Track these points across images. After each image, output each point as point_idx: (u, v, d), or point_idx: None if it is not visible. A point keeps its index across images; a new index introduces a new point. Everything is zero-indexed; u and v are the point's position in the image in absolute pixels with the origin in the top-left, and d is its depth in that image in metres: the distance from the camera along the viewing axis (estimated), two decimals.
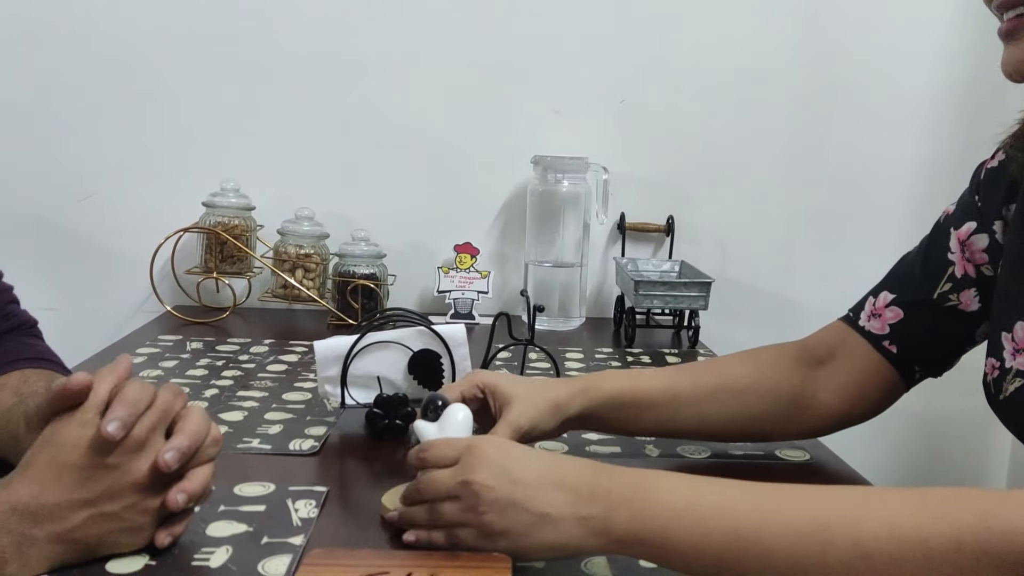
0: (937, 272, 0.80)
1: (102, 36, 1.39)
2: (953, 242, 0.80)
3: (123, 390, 0.58)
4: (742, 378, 0.84)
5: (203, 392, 0.98)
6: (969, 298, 0.79)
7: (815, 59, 1.48)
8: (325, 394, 0.89)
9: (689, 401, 0.82)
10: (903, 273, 0.84)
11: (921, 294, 0.81)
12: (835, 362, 0.84)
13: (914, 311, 0.81)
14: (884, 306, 0.83)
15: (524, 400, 0.75)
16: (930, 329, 0.81)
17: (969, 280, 0.79)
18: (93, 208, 1.43)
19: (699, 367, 0.89)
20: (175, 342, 1.20)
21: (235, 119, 1.43)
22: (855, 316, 0.85)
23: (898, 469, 1.61)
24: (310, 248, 1.35)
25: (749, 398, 0.83)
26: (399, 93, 1.44)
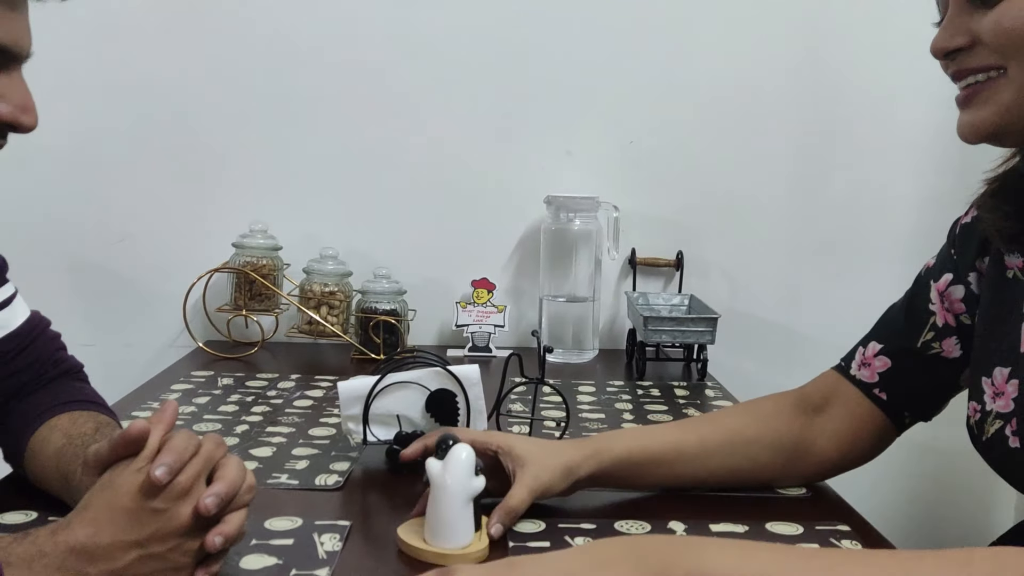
0: (920, 322, 0.85)
1: (137, 86, 1.47)
2: (933, 293, 0.85)
3: (172, 439, 0.64)
4: (745, 429, 0.88)
5: (234, 428, 1.04)
6: (951, 346, 0.84)
7: (817, 95, 1.54)
8: (348, 431, 0.94)
9: (696, 456, 0.87)
10: (889, 324, 0.89)
11: (906, 343, 0.86)
12: (830, 410, 0.89)
13: (901, 360, 0.86)
14: (873, 355, 0.88)
15: (537, 463, 0.79)
16: (916, 376, 0.86)
17: (950, 329, 0.84)
18: (129, 249, 1.51)
19: (704, 422, 0.93)
20: (207, 378, 1.27)
21: (263, 163, 1.51)
22: (847, 365, 0.90)
23: (904, 498, 1.64)
24: (334, 286, 1.42)
25: (752, 449, 0.88)
26: (419, 136, 1.51)
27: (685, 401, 1.23)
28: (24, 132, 0.68)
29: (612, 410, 1.18)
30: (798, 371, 1.59)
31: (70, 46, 1.45)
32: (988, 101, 0.69)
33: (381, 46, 1.48)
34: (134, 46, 1.47)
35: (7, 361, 0.83)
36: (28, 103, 0.67)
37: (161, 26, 1.46)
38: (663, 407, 1.20)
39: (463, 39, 1.49)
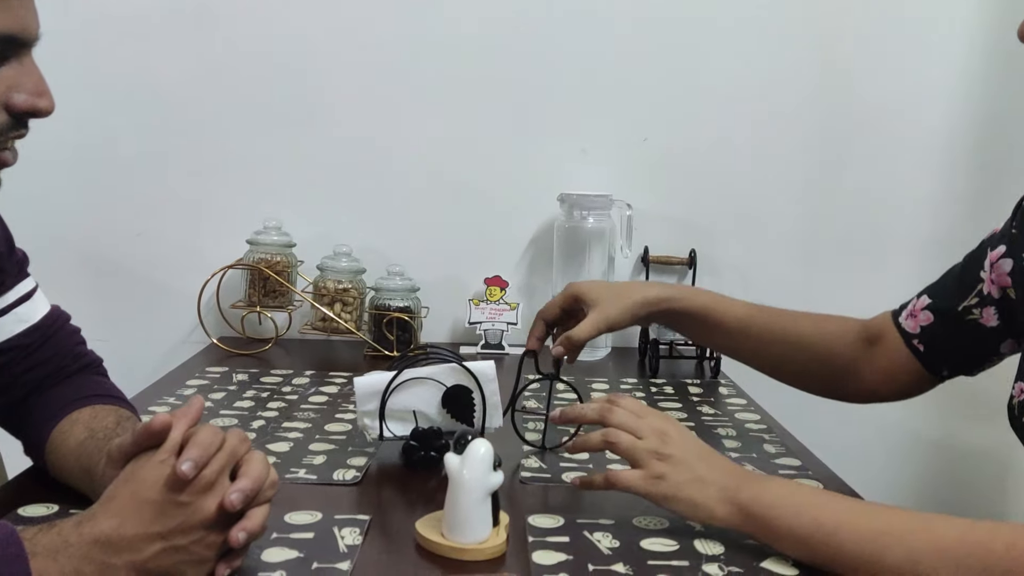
0: (969, 286, 0.88)
1: (151, 82, 1.48)
2: (987, 261, 0.86)
3: (197, 434, 0.64)
4: (808, 336, 0.99)
5: (251, 424, 1.05)
6: (990, 315, 0.87)
7: (833, 93, 1.53)
8: (364, 427, 0.95)
9: (758, 339, 1.00)
10: (944, 282, 0.92)
11: (950, 304, 0.89)
12: (878, 346, 0.97)
13: (942, 318, 0.90)
14: (920, 308, 0.92)
15: (607, 302, 0.97)
16: (954, 338, 0.90)
17: (992, 299, 0.86)
18: (145, 245, 1.51)
19: (776, 314, 1.02)
20: (222, 374, 1.27)
21: (278, 161, 1.51)
22: (899, 311, 0.95)
23: (919, 496, 1.64)
24: (348, 283, 1.42)
25: (808, 355, 0.99)
26: (433, 133, 1.51)
27: (699, 399, 1.23)
28: (43, 116, 0.68)
29: None
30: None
31: (89, 44, 1.47)
32: None
33: (396, 44, 1.49)
34: (151, 44, 1.47)
35: (28, 355, 0.84)
36: (42, 87, 0.68)
37: (178, 25, 1.47)
38: (677, 404, 1.20)
39: (479, 37, 1.49)
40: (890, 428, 1.62)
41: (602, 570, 0.70)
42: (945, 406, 1.63)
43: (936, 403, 1.61)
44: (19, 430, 0.85)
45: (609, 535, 0.77)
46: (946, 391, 1.60)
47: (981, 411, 1.61)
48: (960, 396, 1.61)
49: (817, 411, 1.59)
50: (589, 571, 0.70)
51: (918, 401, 1.60)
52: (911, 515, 0.67)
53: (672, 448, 0.76)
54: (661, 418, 0.80)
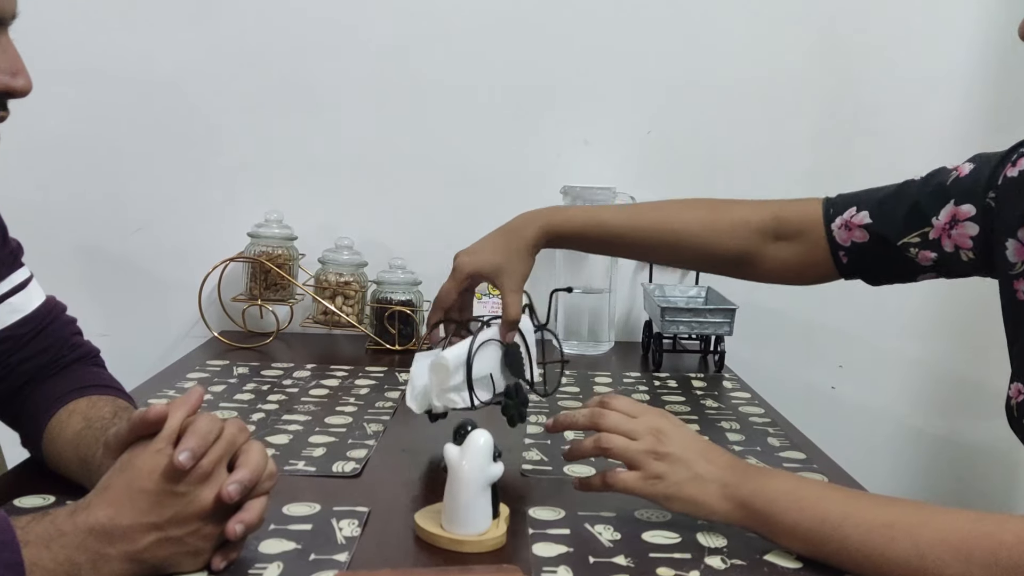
0: (915, 224, 0.87)
1: (153, 78, 1.47)
2: (946, 211, 0.85)
3: (195, 423, 0.63)
4: (695, 236, 0.97)
5: (250, 416, 1.04)
6: (927, 257, 0.87)
7: (839, 83, 1.52)
8: (448, 403, 0.91)
9: (643, 243, 0.99)
10: (889, 207, 0.89)
11: (890, 233, 0.88)
12: (794, 243, 0.95)
13: (877, 244, 0.89)
14: (858, 224, 0.91)
15: (506, 267, 0.95)
16: (882, 262, 0.90)
17: (939, 249, 0.85)
18: (146, 239, 1.51)
19: (660, 216, 1.00)
20: (222, 367, 1.27)
21: (279, 153, 1.50)
22: (832, 215, 0.93)
23: (924, 491, 1.63)
24: (349, 276, 1.42)
25: (696, 252, 0.99)
26: (435, 126, 1.50)
27: (703, 392, 1.22)
28: (20, 96, 0.67)
29: None
30: (817, 364, 1.60)
31: (89, 35, 1.46)
32: None
33: (397, 36, 1.48)
34: (153, 36, 1.47)
35: (23, 345, 0.83)
36: (17, 66, 0.67)
37: (179, 16, 1.46)
38: (680, 397, 1.19)
39: (482, 29, 1.48)
40: (894, 423, 1.61)
41: (603, 563, 0.69)
42: (949, 402, 1.62)
43: (940, 398, 1.61)
44: (16, 421, 0.84)
45: (611, 527, 0.76)
46: (951, 386, 1.60)
47: (986, 407, 1.60)
48: (964, 392, 1.60)
49: (822, 405, 1.60)
50: (590, 563, 0.69)
51: (924, 396, 1.61)
52: (918, 507, 0.66)
53: (669, 446, 0.74)
54: (656, 415, 0.78)
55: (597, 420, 0.77)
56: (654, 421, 0.76)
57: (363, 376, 1.24)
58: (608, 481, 0.75)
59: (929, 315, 1.59)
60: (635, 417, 0.77)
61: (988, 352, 1.58)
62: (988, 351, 1.58)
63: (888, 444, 1.61)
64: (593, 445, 0.76)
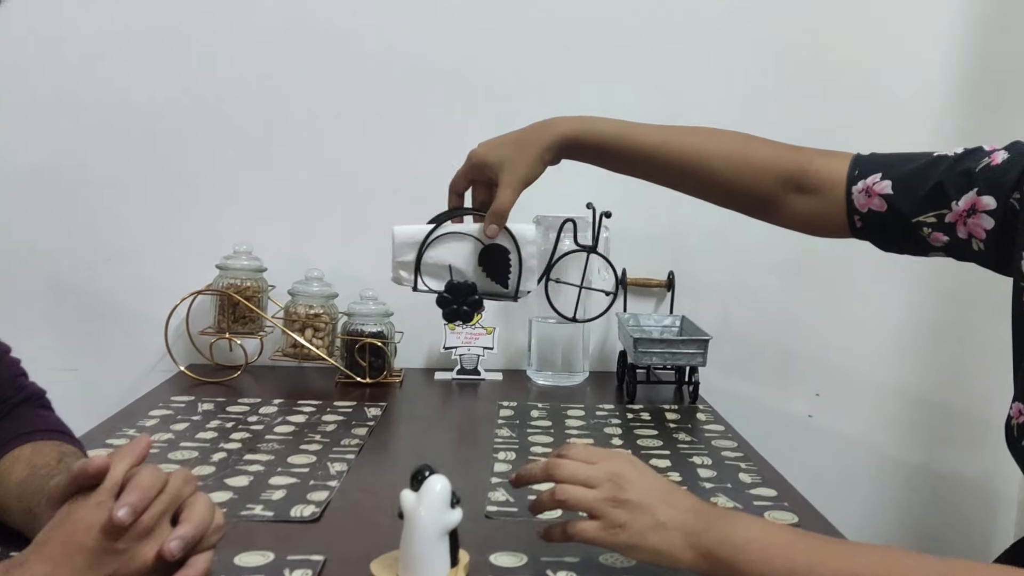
0: (934, 203, 0.84)
1: (120, 104, 1.45)
2: (967, 198, 0.81)
3: (137, 476, 0.61)
4: (723, 170, 0.95)
5: (211, 456, 1.02)
6: (938, 238, 0.85)
7: (815, 105, 1.51)
8: (399, 279, 0.90)
9: (671, 168, 0.97)
10: (912, 179, 0.86)
11: (907, 208, 0.86)
12: (814, 196, 0.93)
13: (892, 215, 0.87)
14: (878, 193, 0.88)
15: (513, 161, 0.93)
16: (894, 234, 0.88)
17: (952, 233, 0.83)
18: (112, 272, 1.48)
19: (693, 140, 0.97)
20: (187, 403, 1.24)
21: (248, 183, 1.49)
22: (857, 178, 0.90)
23: (903, 523, 1.61)
24: (319, 308, 1.40)
25: (722, 189, 0.97)
26: (404, 157, 1.49)
27: (676, 425, 1.20)
28: None
29: (601, 435, 1.15)
30: (795, 393, 1.59)
31: (56, 64, 1.44)
32: None
33: (365, 63, 1.47)
34: (119, 65, 1.45)
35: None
36: None
37: (147, 45, 1.45)
38: (653, 431, 1.17)
39: (449, 54, 1.47)
40: (872, 451, 1.60)
41: None
42: (928, 429, 1.61)
43: (919, 426, 1.60)
44: None
45: (574, 574, 0.74)
46: (930, 413, 1.59)
47: (965, 434, 1.60)
48: (944, 419, 1.59)
49: (797, 437, 1.58)
50: None
51: (902, 424, 1.59)
52: (884, 553, 0.64)
53: (630, 492, 0.71)
54: (617, 460, 0.74)
55: (552, 471, 0.74)
56: (614, 466, 0.73)
57: (331, 411, 1.22)
58: (569, 532, 0.72)
59: (907, 341, 1.58)
60: (594, 463, 0.74)
61: (968, 380, 1.58)
62: (969, 378, 1.58)
63: (866, 472, 1.60)
64: (550, 498, 0.74)
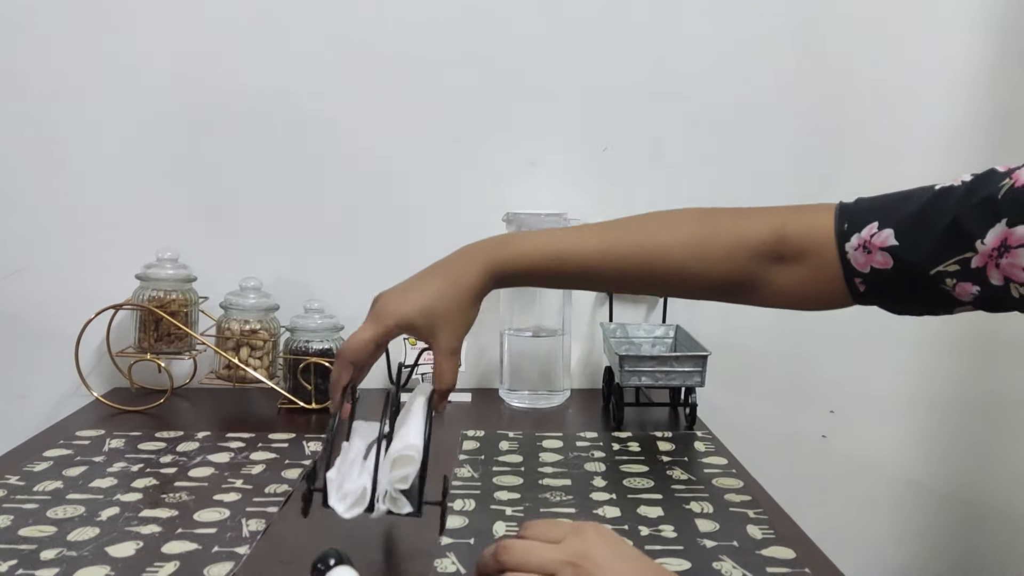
0: (952, 249, 0.66)
1: (18, 92, 1.26)
2: (995, 232, 0.63)
3: None
4: (686, 265, 0.77)
5: (99, 513, 0.83)
6: (966, 291, 0.66)
7: (820, 94, 1.33)
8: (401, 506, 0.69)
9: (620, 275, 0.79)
10: (918, 222, 0.68)
11: (921, 261, 0.68)
12: (799, 265, 0.75)
13: (903, 272, 0.69)
14: (879, 245, 0.70)
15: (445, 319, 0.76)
16: (910, 293, 0.71)
17: (983, 281, 0.65)
18: (21, 284, 1.29)
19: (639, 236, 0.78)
20: (92, 439, 1.05)
21: (172, 180, 1.29)
22: (848, 232, 0.72)
23: (926, 553, 1.43)
24: (256, 323, 1.21)
25: (695, 283, 0.79)
26: (356, 144, 1.30)
27: (670, 459, 1.01)
28: None
29: (581, 472, 0.96)
30: (805, 412, 1.40)
31: None
32: None
33: (310, 46, 1.28)
34: (23, 56, 1.26)
35: None
36: None
37: (53, 34, 1.25)
38: (643, 467, 0.98)
39: (408, 35, 1.28)
40: (893, 476, 1.41)
41: None
42: (956, 454, 1.42)
43: (945, 449, 1.41)
44: None
45: None
46: (956, 438, 1.40)
47: (998, 459, 1.41)
48: (973, 443, 1.41)
49: (812, 457, 1.40)
50: None
51: (925, 446, 1.41)
52: None
53: (589, 560, 0.54)
54: (585, 537, 0.57)
55: (501, 556, 0.56)
56: (580, 547, 0.55)
57: (263, 447, 1.03)
58: None
59: (934, 353, 1.39)
60: (557, 542, 0.56)
61: (1003, 398, 1.39)
62: (1003, 397, 1.39)
63: (886, 499, 1.41)
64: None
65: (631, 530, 0.81)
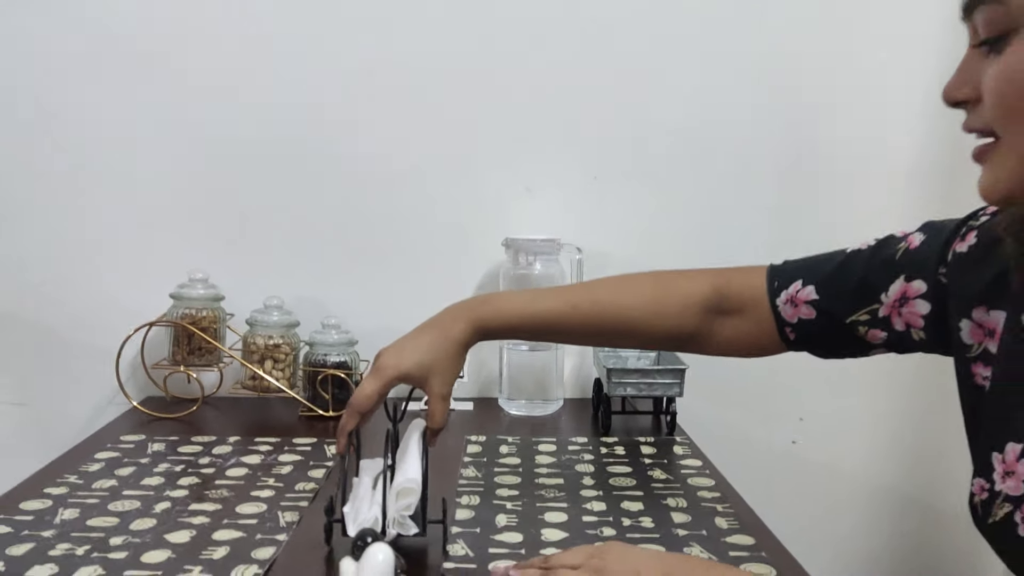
0: (864, 301, 0.81)
1: (62, 120, 1.39)
2: (896, 288, 0.78)
3: None
4: (639, 323, 0.91)
5: (154, 507, 0.95)
6: (876, 335, 0.81)
7: (796, 127, 1.46)
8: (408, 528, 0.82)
9: (582, 332, 0.93)
10: (835, 280, 0.83)
11: (838, 310, 0.82)
12: (739, 317, 0.90)
13: (824, 321, 0.84)
14: (804, 300, 0.85)
15: (434, 371, 0.88)
16: (831, 340, 0.85)
17: (889, 328, 0.79)
18: (58, 300, 1.42)
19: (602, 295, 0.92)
20: (136, 443, 1.18)
21: (202, 209, 1.42)
22: (778, 289, 0.87)
23: (887, 554, 1.56)
24: (279, 338, 1.33)
25: (640, 339, 0.94)
26: (367, 177, 1.43)
27: (651, 461, 1.15)
28: None
29: (572, 472, 1.09)
30: (780, 421, 1.53)
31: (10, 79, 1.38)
32: (994, 165, 0.60)
33: (323, 82, 1.40)
34: (72, 89, 1.38)
35: None
36: None
37: (99, 69, 1.38)
38: (627, 468, 1.11)
39: (412, 70, 1.41)
40: (859, 480, 1.54)
41: None
42: (917, 459, 1.56)
43: (907, 455, 1.54)
44: None
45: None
46: (919, 444, 1.53)
47: (955, 465, 1.54)
48: (933, 449, 1.54)
49: (783, 461, 1.53)
50: None
51: (888, 452, 1.54)
52: None
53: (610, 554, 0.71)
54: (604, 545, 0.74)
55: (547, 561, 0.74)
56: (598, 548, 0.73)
57: (289, 450, 1.16)
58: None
59: (897, 366, 1.52)
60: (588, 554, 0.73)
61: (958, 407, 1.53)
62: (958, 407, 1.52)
63: (852, 501, 1.55)
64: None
65: (615, 521, 0.94)
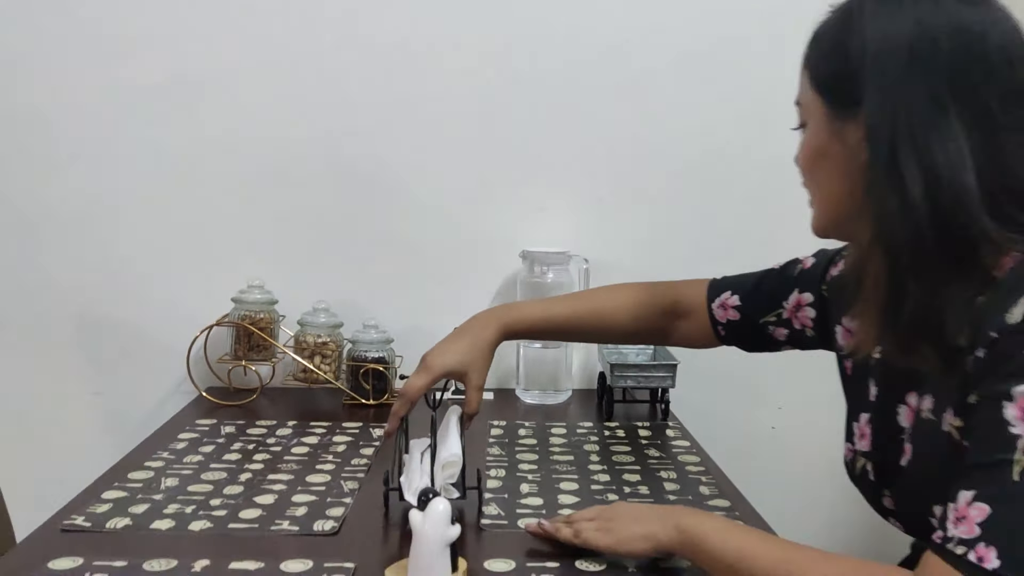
0: (772, 306, 1.08)
1: (145, 143, 1.59)
2: (793, 297, 1.05)
3: None
4: (624, 325, 1.19)
5: (239, 476, 1.16)
6: (781, 333, 1.08)
7: (790, 152, 1.65)
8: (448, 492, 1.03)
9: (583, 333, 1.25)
10: (757, 291, 1.10)
11: (754, 314, 1.10)
12: (687, 319, 1.17)
13: (745, 321, 1.11)
14: (732, 306, 1.12)
15: (471, 367, 1.11)
16: (751, 337, 1.12)
17: (790, 327, 1.06)
18: (138, 305, 1.62)
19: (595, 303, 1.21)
20: (210, 426, 1.38)
21: (261, 223, 1.63)
22: (712, 297, 1.14)
23: (859, 526, 1.76)
24: (326, 337, 1.54)
25: (625, 337, 1.26)
26: (403, 200, 1.63)
27: (647, 442, 1.35)
28: None
29: (581, 452, 1.30)
30: (764, 407, 1.74)
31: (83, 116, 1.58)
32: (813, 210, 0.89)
33: (365, 108, 1.60)
34: (136, 115, 1.59)
35: None
36: None
37: (165, 92, 1.58)
38: (627, 447, 1.32)
39: (441, 103, 1.61)
40: (831, 461, 1.72)
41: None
42: None
43: None
44: None
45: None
46: None
47: None
48: None
49: (764, 446, 1.74)
50: None
51: None
52: (814, 550, 0.77)
53: (617, 508, 0.95)
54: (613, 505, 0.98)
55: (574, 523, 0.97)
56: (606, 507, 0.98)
57: (340, 433, 1.37)
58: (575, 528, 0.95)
59: None
60: None
61: None
62: None
63: (826, 481, 1.73)
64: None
65: (617, 489, 1.14)
